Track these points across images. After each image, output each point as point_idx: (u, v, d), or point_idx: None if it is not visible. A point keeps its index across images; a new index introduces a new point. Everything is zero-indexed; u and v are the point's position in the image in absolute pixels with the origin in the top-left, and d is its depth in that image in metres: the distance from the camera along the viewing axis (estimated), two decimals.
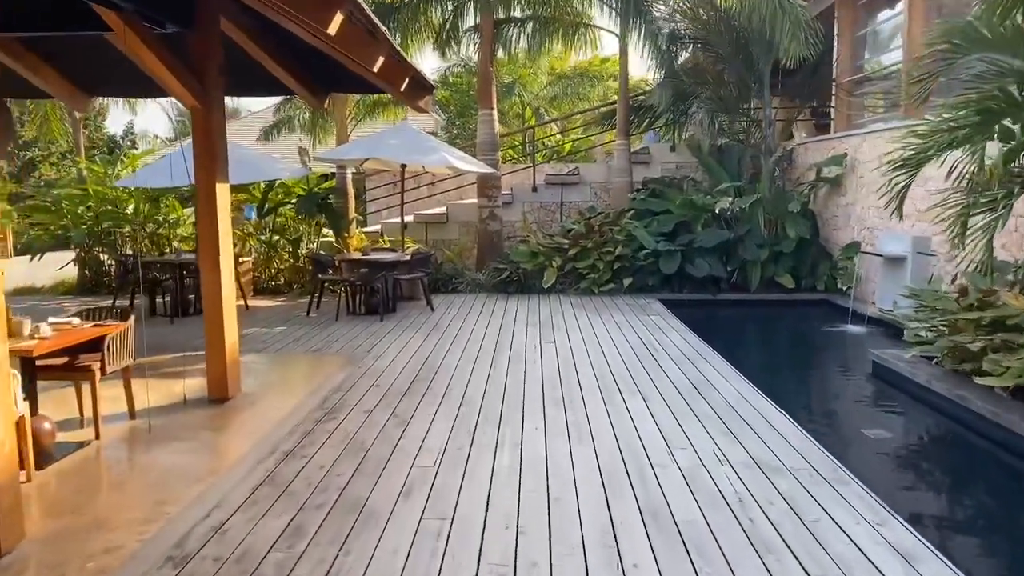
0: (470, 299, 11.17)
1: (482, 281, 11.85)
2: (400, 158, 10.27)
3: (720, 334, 9.21)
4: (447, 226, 13.69)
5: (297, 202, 11.37)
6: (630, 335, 8.22)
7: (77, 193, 12.26)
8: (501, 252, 12.46)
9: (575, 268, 11.53)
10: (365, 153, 10.24)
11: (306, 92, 8.10)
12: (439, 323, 9.19)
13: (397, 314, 9.91)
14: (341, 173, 12.51)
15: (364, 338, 8.32)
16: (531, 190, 13.68)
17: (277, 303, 11.17)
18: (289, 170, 10.89)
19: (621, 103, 12.47)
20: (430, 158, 10.16)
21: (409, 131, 10.77)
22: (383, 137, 10.81)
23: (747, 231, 11.37)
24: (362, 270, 9.41)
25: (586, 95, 25.86)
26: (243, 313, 10.02)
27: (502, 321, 9.23)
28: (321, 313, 10.10)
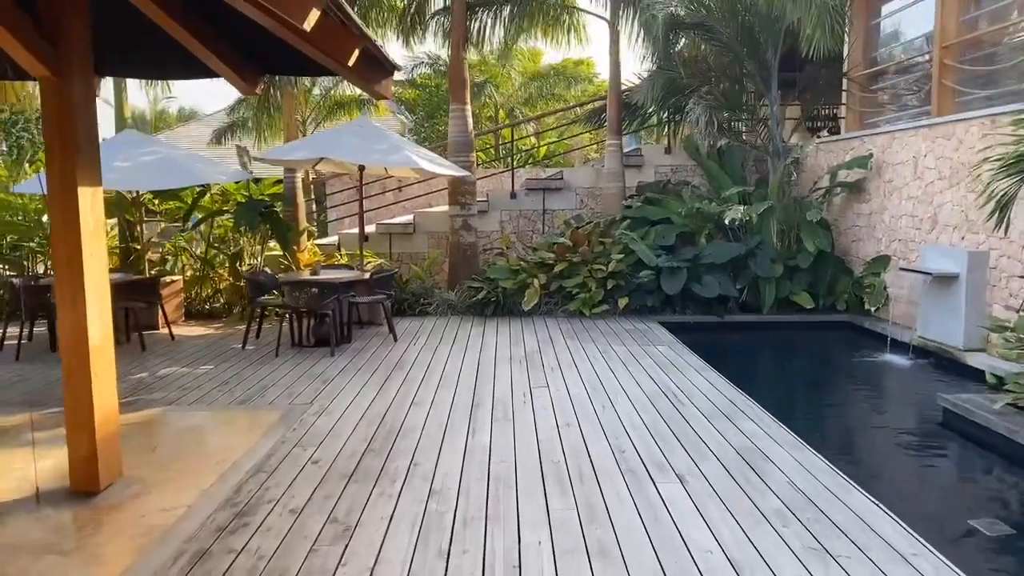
0: (441, 324, 9.53)
1: (454, 302, 10.22)
2: (357, 158, 8.62)
3: (744, 369, 7.71)
4: (414, 237, 12.04)
5: (235, 211, 9.63)
6: (640, 376, 6.65)
7: None
8: (476, 268, 10.85)
9: (562, 287, 9.95)
10: (315, 152, 8.56)
11: (231, 72, 6.40)
12: (403, 359, 7.53)
13: (352, 345, 8.23)
14: (290, 177, 10.79)
15: (307, 382, 6.63)
16: (509, 196, 12.09)
17: (210, 331, 9.40)
18: (226, 174, 9.17)
19: (612, 98, 10.96)
20: (393, 158, 8.52)
21: (369, 127, 9.11)
22: (338, 134, 9.14)
23: (758, 244, 9.91)
24: (309, 293, 7.72)
25: (562, 96, 24.42)
26: (166, 346, 8.26)
27: (480, 356, 7.60)
28: (260, 345, 8.38)
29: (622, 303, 9.66)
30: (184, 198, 10.25)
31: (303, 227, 10.79)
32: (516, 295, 9.99)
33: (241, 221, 9.27)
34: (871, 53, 11.25)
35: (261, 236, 10.66)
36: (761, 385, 7.04)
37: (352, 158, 8.60)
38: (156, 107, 40.00)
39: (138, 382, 6.72)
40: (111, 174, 8.35)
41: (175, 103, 49.51)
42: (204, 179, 8.84)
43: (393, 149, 8.67)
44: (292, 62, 6.41)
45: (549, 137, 23.63)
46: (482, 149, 19.77)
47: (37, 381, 6.78)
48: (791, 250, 10.16)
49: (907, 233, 8.91)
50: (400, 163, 8.52)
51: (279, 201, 10.85)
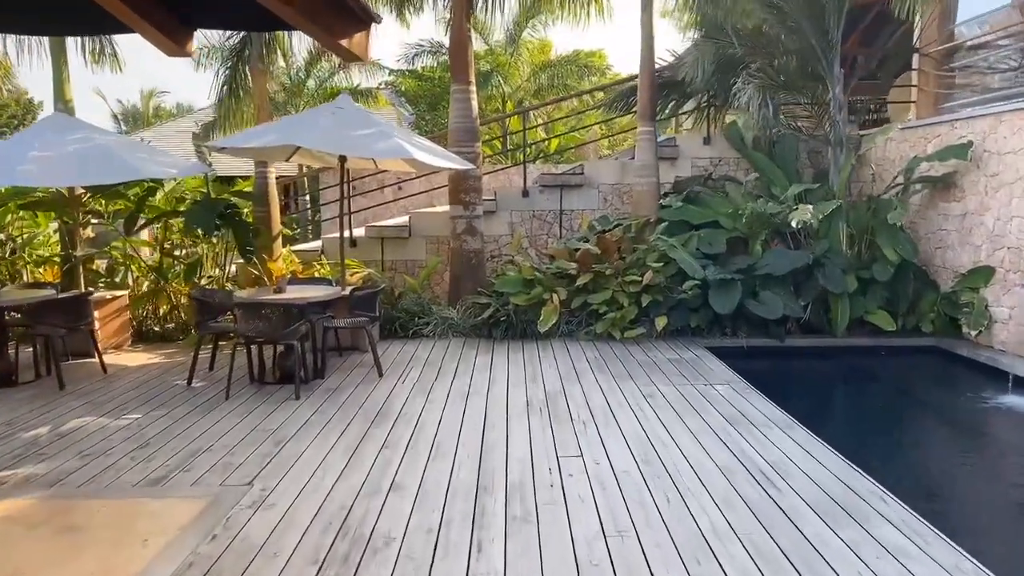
0: (439, 349, 7.79)
1: (456, 321, 8.48)
2: (335, 146, 6.89)
3: (837, 423, 6.00)
4: (410, 242, 10.31)
5: (186, 211, 7.90)
6: (707, 438, 4.90)
7: None
8: (483, 279, 9.11)
9: (586, 303, 8.21)
10: (282, 138, 6.82)
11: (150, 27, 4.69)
12: (387, 405, 5.79)
13: (326, 383, 6.51)
14: (261, 172, 9.07)
15: (255, 443, 4.90)
16: (521, 195, 10.34)
17: (157, 359, 7.68)
18: (176, 167, 7.46)
19: (644, 78, 9.18)
20: (379, 146, 6.78)
21: (350, 108, 7.37)
22: (313, 116, 7.40)
23: (825, 252, 8.14)
24: (266, 318, 5.99)
25: (573, 87, 22.65)
26: (94, 382, 6.56)
27: (487, 400, 5.85)
28: (211, 380, 6.67)
29: (660, 323, 7.91)
30: (131, 197, 8.54)
31: (276, 231, 9.06)
32: (530, 313, 8.25)
33: (193, 223, 7.54)
34: (947, 25, 9.48)
35: (226, 243, 8.94)
36: (872, 451, 5.24)
37: (328, 146, 6.88)
38: (150, 101, 38.48)
39: (29, 442, 5.00)
40: (26, 165, 6.67)
41: (171, 98, 48.08)
42: (146, 173, 7.11)
43: (380, 136, 6.94)
44: (227, 8, 4.74)
45: (559, 129, 21.91)
46: (486, 141, 18.03)
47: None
48: (861, 259, 8.40)
49: (1022, 239, 7.13)
50: (388, 153, 6.79)
51: (251, 200, 9.14)
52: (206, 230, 7.52)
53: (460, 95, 9.04)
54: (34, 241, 9.21)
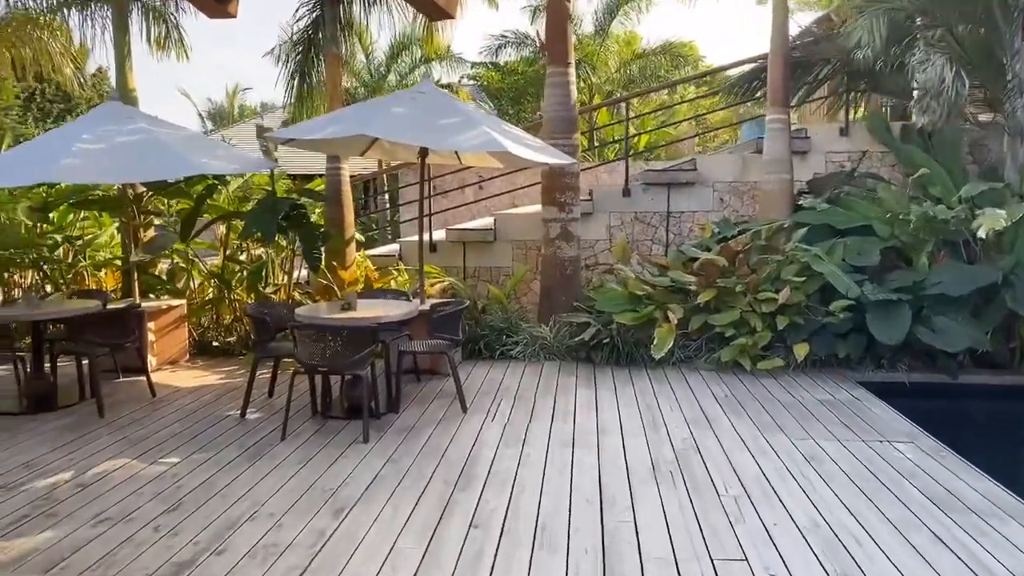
0: (531, 377, 6.61)
1: (549, 341, 7.29)
2: (414, 137, 5.80)
3: None
4: (495, 247, 9.18)
5: (247, 213, 6.98)
6: (917, 535, 3.50)
7: None
8: (579, 292, 7.88)
9: (708, 324, 6.86)
10: (352, 127, 5.77)
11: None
12: (474, 459, 4.62)
13: (401, 419, 5.42)
14: (333, 168, 8.11)
15: (309, 510, 3.83)
16: (621, 194, 9.05)
17: (214, 379, 6.81)
18: (238, 161, 6.56)
19: (776, 56, 7.72)
20: (466, 138, 5.66)
21: (433, 94, 6.31)
22: (387, 104, 6.35)
23: (1013, 267, 6.53)
24: (329, 345, 4.93)
25: (666, 78, 21.10)
26: (138, 409, 5.67)
27: (599, 455, 4.61)
28: (269, 411, 5.70)
29: (800, 352, 6.48)
30: (194, 196, 7.72)
31: (349, 235, 8.08)
32: (638, 334, 6.98)
33: (253, 226, 6.59)
34: None
35: (293, 247, 8.02)
36: None
37: (406, 137, 5.79)
38: (235, 99, 38.91)
39: (43, 495, 4.09)
40: (70, 159, 5.86)
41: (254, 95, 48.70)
42: (202, 169, 6.22)
43: (467, 125, 5.82)
44: None
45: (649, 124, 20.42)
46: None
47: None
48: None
49: None
50: (478, 145, 5.64)
51: (319, 200, 8.20)
52: (266, 234, 6.57)
53: (557, 79, 7.82)
54: (96, 242, 8.54)
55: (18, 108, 25.42)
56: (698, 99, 18.04)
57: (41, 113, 25.90)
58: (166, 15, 9.10)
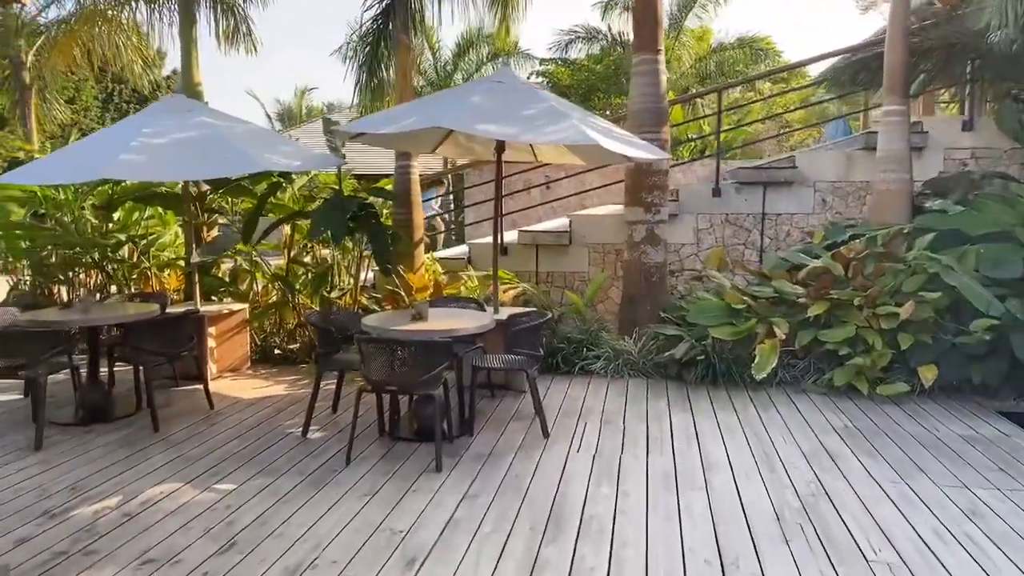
0: (616, 398, 5.96)
1: (634, 357, 6.63)
2: (492, 130, 5.23)
3: None
4: (570, 251, 8.56)
5: (313, 212, 6.54)
6: None
7: (18, 195, 7.98)
8: (666, 302, 7.20)
9: (818, 340, 6.08)
10: (423, 119, 5.24)
11: None
12: (563, 499, 4.01)
13: (475, 445, 4.85)
14: (403, 166, 7.63)
15: (375, 559, 3.28)
16: (711, 194, 8.30)
17: (276, 388, 6.39)
18: (302, 158, 6.13)
19: (895, 37, 6.85)
20: (553, 130, 5.06)
21: (512, 82, 5.73)
22: (463, 94, 5.80)
23: None
24: (397, 361, 4.40)
25: (743, 73, 20.05)
26: (194, 422, 5.27)
27: (710, 500, 3.93)
28: (333, 428, 5.22)
29: (927, 375, 5.64)
30: (258, 194, 7.35)
31: (418, 236, 7.59)
32: (735, 350, 6.26)
33: (320, 226, 6.13)
34: None
35: (360, 248, 7.57)
36: None
37: (487, 129, 5.22)
38: (302, 100, 39.31)
39: (85, 527, 3.66)
40: (129, 155, 5.52)
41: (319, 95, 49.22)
42: (264, 165, 5.79)
43: (553, 116, 5.22)
44: None
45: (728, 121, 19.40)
46: None
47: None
48: None
49: None
50: (567, 138, 5.04)
51: (387, 198, 7.73)
52: (336, 234, 6.10)
53: (646, 67, 7.15)
54: (159, 242, 8.29)
55: (96, 108, 26.09)
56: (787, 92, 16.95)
57: (118, 114, 26.51)
58: (235, 6, 8.81)
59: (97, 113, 26.26)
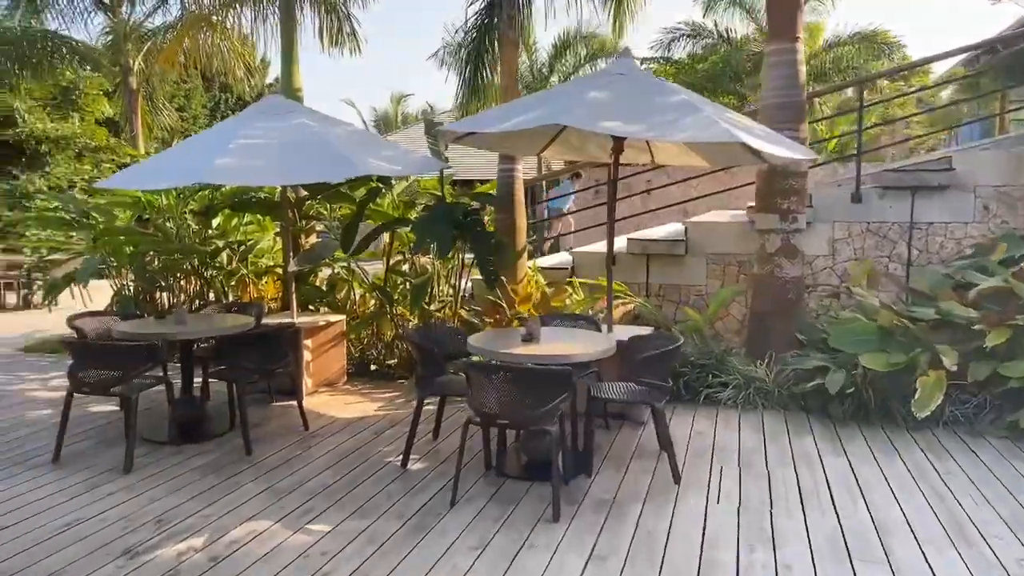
0: (752, 435, 5.20)
1: (768, 386, 5.83)
2: (610, 126, 4.60)
3: None
4: (686, 261, 7.82)
5: (416, 221, 6.07)
6: None
7: (125, 200, 7.98)
8: (802, 322, 6.37)
9: (998, 374, 5.13)
10: (540, 116, 4.67)
11: None
12: (709, 563, 3.32)
13: (593, 484, 4.23)
14: (507, 169, 7.12)
15: None
16: (850, 199, 7.37)
17: (372, 407, 5.97)
18: (403, 163, 5.71)
19: None
20: (686, 126, 4.39)
21: (634, 75, 5.09)
22: (580, 88, 5.19)
23: None
24: (507, 392, 3.84)
25: (863, 69, 18.59)
26: (288, 445, 4.88)
27: None
28: (435, 459, 4.72)
29: None
30: (356, 200, 6.99)
31: (521, 244, 7.05)
32: (888, 381, 5.37)
33: (424, 237, 5.67)
34: None
35: (461, 256, 7.10)
36: None
37: (608, 127, 4.60)
38: (398, 106, 39.80)
39: (168, 572, 3.28)
40: (226, 158, 5.23)
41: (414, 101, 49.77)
42: (369, 169, 5.39)
43: (687, 111, 4.56)
44: None
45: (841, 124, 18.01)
46: None
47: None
48: None
49: None
50: (710, 136, 4.36)
51: (490, 202, 7.22)
52: (442, 246, 5.62)
53: (781, 57, 6.36)
54: (257, 248, 8.11)
55: (204, 117, 27.06)
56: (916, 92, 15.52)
57: None
58: (338, 5, 8.55)
59: (205, 122, 27.24)
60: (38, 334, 8.91)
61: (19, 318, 10.66)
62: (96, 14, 11.81)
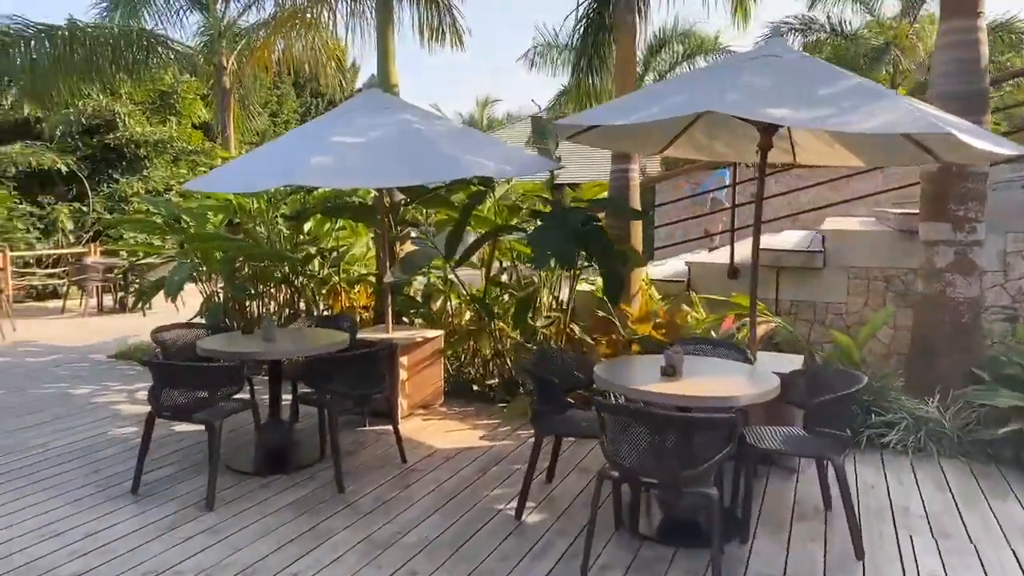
0: (935, 493, 4.24)
1: (943, 427, 4.85)
2: (777, 114, 3.78)
3: None
4: (824, 275, 6.88)
5: (533, 232, 5.36)
6: None
7: (216, 204, 7.68)
8: (982, 353, 5.34)
9: None
10: (683, 104, 3.92)
11: None
12: None
13: (754, 550, 3.43)
14: (621, 170, 6.35)
15: None
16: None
17: (474, 435, 5.32)
18: (512, 163, 5.06)
19: None
20: (870, 113, 3.55)
21: (790, 57, 4.27)
22: (723, 75, 4.39)
23: None
24: (654, 436, 3.09)
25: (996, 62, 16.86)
26: (383, 476, 4.29)
27: None
28: (553, 507, 4.01)
29: None
30: (456, 205, 6.39)
31: (638, 256, 6.27)
32: None
33: (544, 248, 4.96)
34: None
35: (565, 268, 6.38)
36: None
37: (775, 115, 3.79)
38: (484, 111, 39.51)
39: None
40: (322, 157, 4.71)
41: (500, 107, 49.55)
42: (477, 170, 4.76)
43: (866, 96, 3.73)
44: None
45: None
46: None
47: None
48: None
49: None
50: (908, 126, 3.51)
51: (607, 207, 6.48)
52: (566, 259, 4.91)
53: (958, 37, 5.36)
54: (349, 255, 7.64)
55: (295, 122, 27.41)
56: None
57: None
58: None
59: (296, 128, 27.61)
60: (131, 339, 8.74)
61: (115, 321, 10.64)
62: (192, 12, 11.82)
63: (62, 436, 5.32)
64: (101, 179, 13.92)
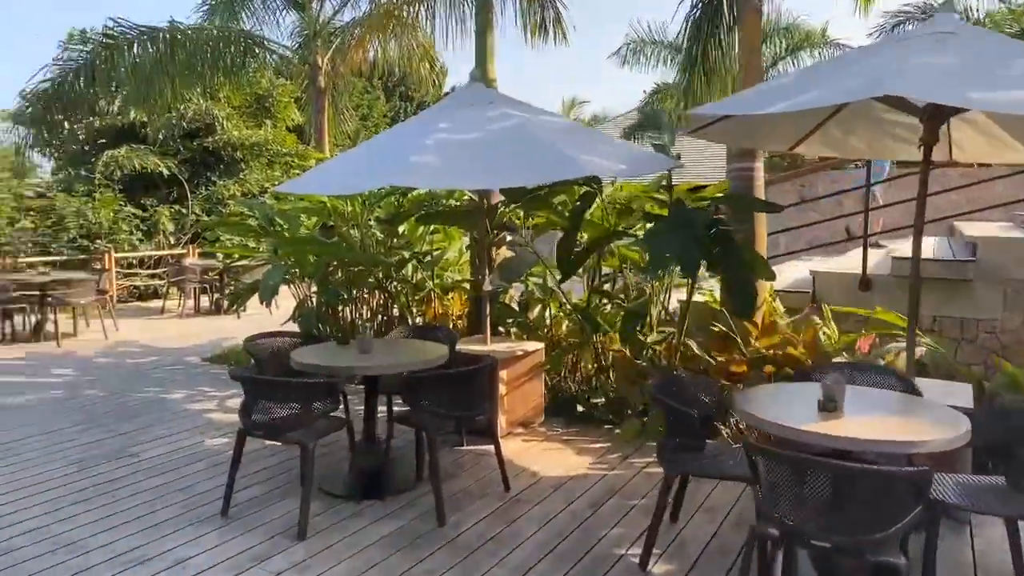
0: None
1: None
2: (984, 98, 3.13)
3: None
4: (974, 288, 6.06)
5: (647, 234, 4.80)
6: None
7: (310, 206, 7.49)
8: None
9: None
10: (849, 90, 3.32)
11: None
12: None
13: None
14: (744, 168, 5.72)
15: None
16: None
17: (581, 463, 4.84)
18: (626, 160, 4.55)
19: None
20: None
21: (967, 32, 3.59)
22: (889, 54, 3.74)
23: None
24: (818, 496, 2.52)
25: None
26: (484, 508, 3.86)
27: None
28: (682, 552, 3.48)
29: None
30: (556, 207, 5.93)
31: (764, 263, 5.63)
32: None
33: (662, 253, 4.43)
34: None
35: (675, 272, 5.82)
36: None
37: (983, 99, 3.14)
38: (571, 112, 38.98)
39: None
40: (424, 156, 4.34)
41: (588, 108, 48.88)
42: (592, 169, 4.27)
43: None
44: None
45: None
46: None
47: None
48: None
49: None
50: None
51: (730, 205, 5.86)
52: (688, 265, 4.38)
53: None
54: (443, 260, 7.31)
55: (384, 126, 27.67)
56: None
57: None
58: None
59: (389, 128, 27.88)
60: (225, 342, 8.72)
61: (211, 323, 10.73)
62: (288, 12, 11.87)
63: (155, 446, 5.17)
64: (200, 182, 14.23)
